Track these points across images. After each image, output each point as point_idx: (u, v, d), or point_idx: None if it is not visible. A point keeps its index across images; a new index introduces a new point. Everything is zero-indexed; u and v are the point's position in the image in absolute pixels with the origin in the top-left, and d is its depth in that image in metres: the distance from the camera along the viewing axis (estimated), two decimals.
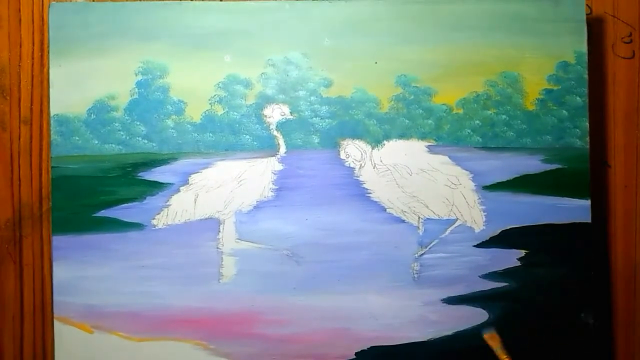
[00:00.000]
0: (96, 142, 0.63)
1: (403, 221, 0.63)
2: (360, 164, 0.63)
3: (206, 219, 0.63)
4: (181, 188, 0.63)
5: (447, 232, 0.63)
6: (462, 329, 0.63)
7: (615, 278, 0.67)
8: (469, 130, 0.64)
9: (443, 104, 0.64)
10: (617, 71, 0.67)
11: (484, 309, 0.63)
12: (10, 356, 0.66)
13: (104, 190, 0.63)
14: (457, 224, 0.63)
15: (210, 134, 0.63)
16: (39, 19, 0.66)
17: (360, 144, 0.63)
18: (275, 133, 0.63)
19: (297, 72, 0.64)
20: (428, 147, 0.64)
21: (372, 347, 0.63)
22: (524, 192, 0.63)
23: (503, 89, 0.64)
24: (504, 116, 0.64)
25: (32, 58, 0.66)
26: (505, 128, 0.64)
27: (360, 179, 0.63)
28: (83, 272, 0.62)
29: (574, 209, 0.63)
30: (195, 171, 0.63)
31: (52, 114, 0.62)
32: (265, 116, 0.63)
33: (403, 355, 0.62)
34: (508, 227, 0.63)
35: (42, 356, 0.66)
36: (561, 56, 0.63)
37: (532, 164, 0.63)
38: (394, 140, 0.64)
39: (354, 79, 0.64)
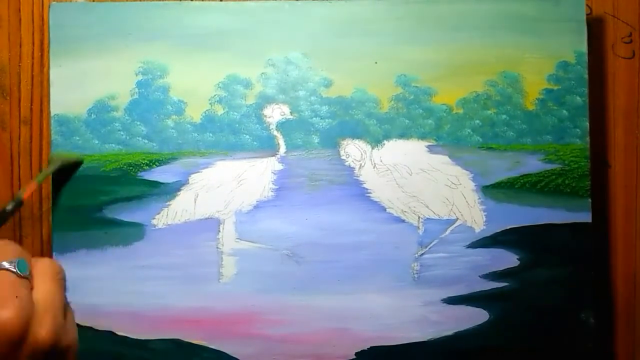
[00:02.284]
0: (96, 142, 0.63)
1: (403, 221, 0.63)
2: (360, 164, 0.63)
3: (206, 218, 0.63)
4: (181, 188, 0.63)
5: (447, 232, 0.63)
6: (462, 329, 0.63)
7: (616, 278, 0.67)
8: (469, 130, 0.64)
9: (443, 104, 0.64)
10: (617, 71, 0.67)
11: (484, 309, 0.63)
12: None
13: (104, 190, 0.63)
14: (457, 224, 0.63)
15: (210, 134, 0.63)
16: (39, 19, 0.66)
17: (360, 143, 0.63)
18: (275, 133, 0.63)
19: (297, 72, 0.64)
20: (428, 147, 0.64)
21: (372, 347, 0.63)
22: (524, 192, 0.63)
23: (503, 89, 0.64)
24: (504, 116, 0.64)
25: (32, 58, 0.66)
26: (505, 128, 0.64)
27: (360, 178, 0.63)
28: (83, 272, 0.62)
29: (574, 209, 0.63)
30: (195, 171, 0.63)
31: (52, 114, 0.62)
32: (265, 116, 0.63)
33: (403, 355, 0.62)
34: (508, 227, 0.63)
35: None
36: (561, 56, 0.63)
37: (532, 164, 0.63)
38: (394, 140, 0.64)
39: (354, 79, 0.64)
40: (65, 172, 0.62)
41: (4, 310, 0.37)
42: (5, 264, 0.40)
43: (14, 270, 0.40)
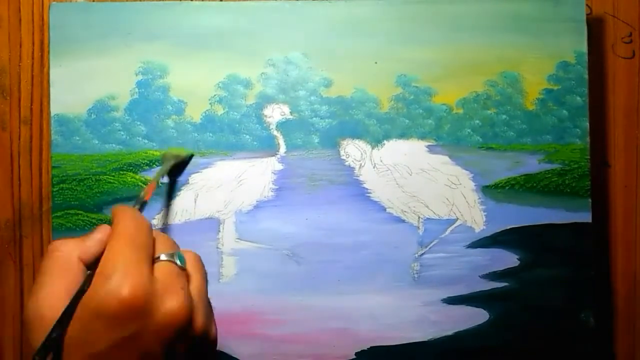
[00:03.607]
0: (96, 142, 0.63)
1: (403, 221, 0.63)
2: (360, 164, 0.63)
3: (206, 218, 0.63)
4: (181, 188, 0.63)
5: (447, 232, 0.63)
6: (462, 329, 0.63)
7: (616, 278, 0.67)
8: (469, 130, 0.64)
9: (443, 104, 0.64)
10: (617, 71, 0.67)
11: (484, 309, 0.63)
12: (10, 356, 0.66)
13: (104, 190, 0.63)
14: (457, 224, 0.63)
15: (210, 134, 0.63)
16: (39, 19, 0.66)
17: (360, 143, 0.63)
18: (275, 133, 0.63)
19: (297, 72, 0.64)
20: (428, 147, 0.64)
21: (372, 347, 0.63)
22: (524, 192, 0.63)
23: (503, 89, 0.64)
24: (504, 116, 0.64)
25: (32, 58, 0.66)
26: (505, 128, 0.64)
27: (360, 178, 0.63)
28: None
29: (574, 209, 0.63)
30: (195, 171, 0.63)
31: (52, 114, 0.62)
32: (265, 116, 0.64)
33: (403, 355, 0.62)
34: (508, 227, 0.63)
35: None
36: (561, 56, 0.63)
37: (532, 164, 0.63)
38: (394, 140, 0.64)
39: (354, 79, 0.64)
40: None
41: (174, 301, 0.39)
42: (165, 257, 0.42)
43: (176, 262, 0.42)
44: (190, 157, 0.63)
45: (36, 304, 0.40)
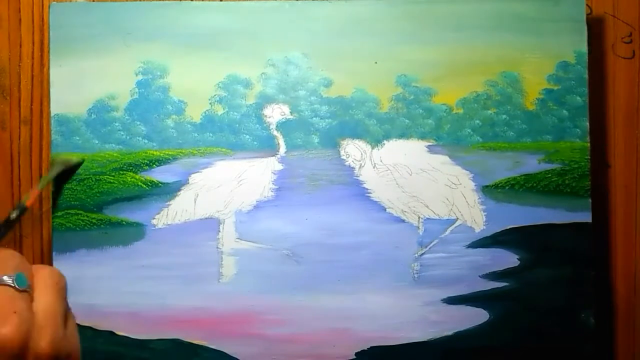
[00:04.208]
0: (96, 142, 0.63)
1: (403, 221, 0.63)
2: (360, 164, 0.63)
3: (206, 218, 0.63)
4: (181, 188, 0.63)
5: (447, 232, 0.63)
6: (462, 329, 0.63)
7: (616, 278, 0.67)
8: (469, 130, 0.64)
9: (443, 104, 0.64)
10: (617, 71, 0.67)
11: (484, 309, 0.63)
12: None
13: (103, 191, 0.63)
14: (457, 224, 0.63)
15: (210, 134, 0.63)
16: (39, 19, 0.66)
17: (360, 143, 0.63)
18: (275, 133, 0.63)
19: (297, 72, 0.64)
20: (428, 147, 0.64)
21: (372, 347, 0.63)
22: (524, 192, 0.63)
23: (503, 89, 0.64)
24: (504, 116, 0.64)
25: (32, 58, 0.66)
26: (505, 128, 0.64)
27: (360, 178, 0.63)
28: (83, 272, 0.62)
29: (574, 209, 0.63)
30: (195, 171, 0.63)
31: (52, 114, 0.62)
32: (265, 116, 0.64)
33: (403, 355, 0.62)
34: (508, 227, 0.63)
35: None
36: (561, 56, 0.63)
37: (532, 164, 0.63)
38: (394, 140, 0.64)
39: (354, 79, 0.64)
40: (67, 174, 0.61)
41: (2, 327, 0.37)
42: (5, 279, 0.39)
43: (13, 284, 0.39)
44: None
45: None
